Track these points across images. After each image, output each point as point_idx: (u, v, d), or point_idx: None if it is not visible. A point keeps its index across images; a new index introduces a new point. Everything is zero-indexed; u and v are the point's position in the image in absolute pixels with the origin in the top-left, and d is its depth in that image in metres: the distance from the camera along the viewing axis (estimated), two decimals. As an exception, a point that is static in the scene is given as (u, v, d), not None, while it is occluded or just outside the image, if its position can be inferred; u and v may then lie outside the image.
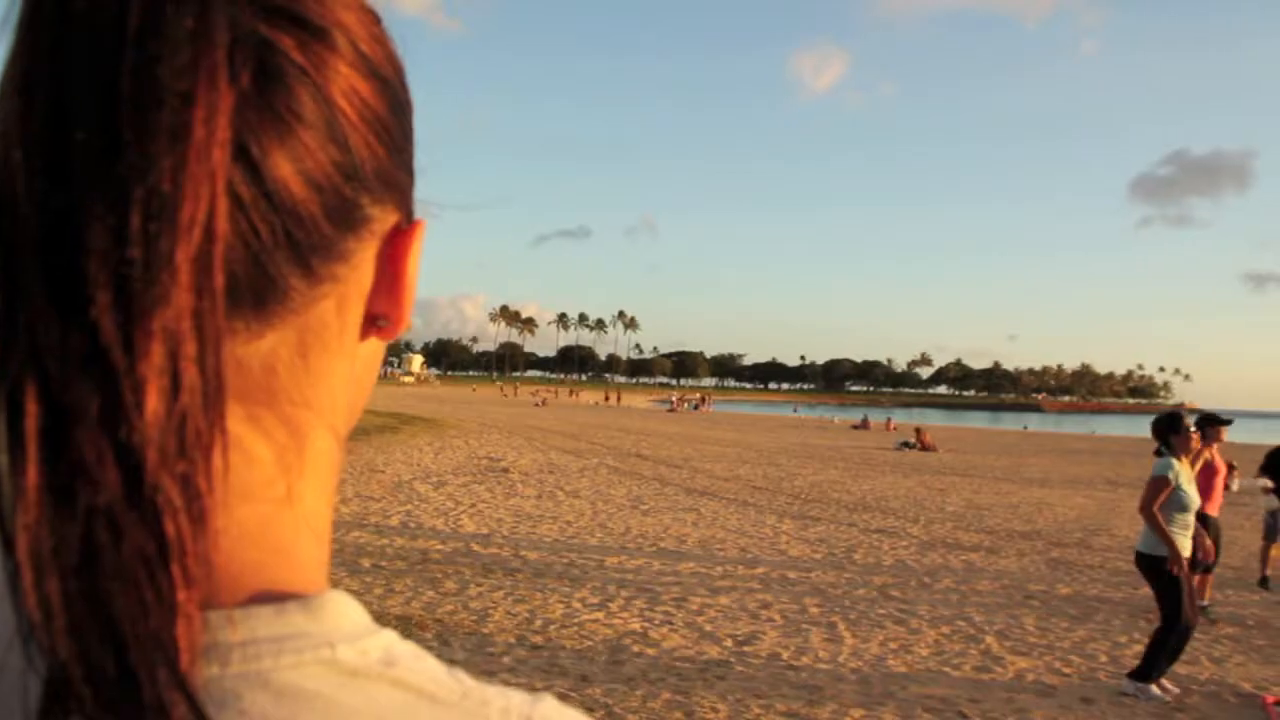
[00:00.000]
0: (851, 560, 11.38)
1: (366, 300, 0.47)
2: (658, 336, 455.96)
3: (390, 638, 0.43)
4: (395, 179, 0.46)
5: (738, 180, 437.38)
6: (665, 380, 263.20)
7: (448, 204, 0.66)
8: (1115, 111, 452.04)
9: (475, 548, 10.81)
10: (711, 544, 12.00)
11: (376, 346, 0.51)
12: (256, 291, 0.41)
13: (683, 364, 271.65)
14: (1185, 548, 6.93)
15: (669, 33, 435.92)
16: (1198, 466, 8.69)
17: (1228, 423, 9.58)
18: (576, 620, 7.86)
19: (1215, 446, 9.47)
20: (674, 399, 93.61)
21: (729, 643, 7.44)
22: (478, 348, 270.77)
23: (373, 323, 0.48)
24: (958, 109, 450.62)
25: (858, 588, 9.80)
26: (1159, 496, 6.84)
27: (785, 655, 7.19)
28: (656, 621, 7.97)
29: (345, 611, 0.43)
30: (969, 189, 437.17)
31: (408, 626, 7.31)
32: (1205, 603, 9.26)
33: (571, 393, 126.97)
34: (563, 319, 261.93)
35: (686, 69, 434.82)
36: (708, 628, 7.86)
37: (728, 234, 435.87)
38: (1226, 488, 9.98)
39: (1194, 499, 6.97)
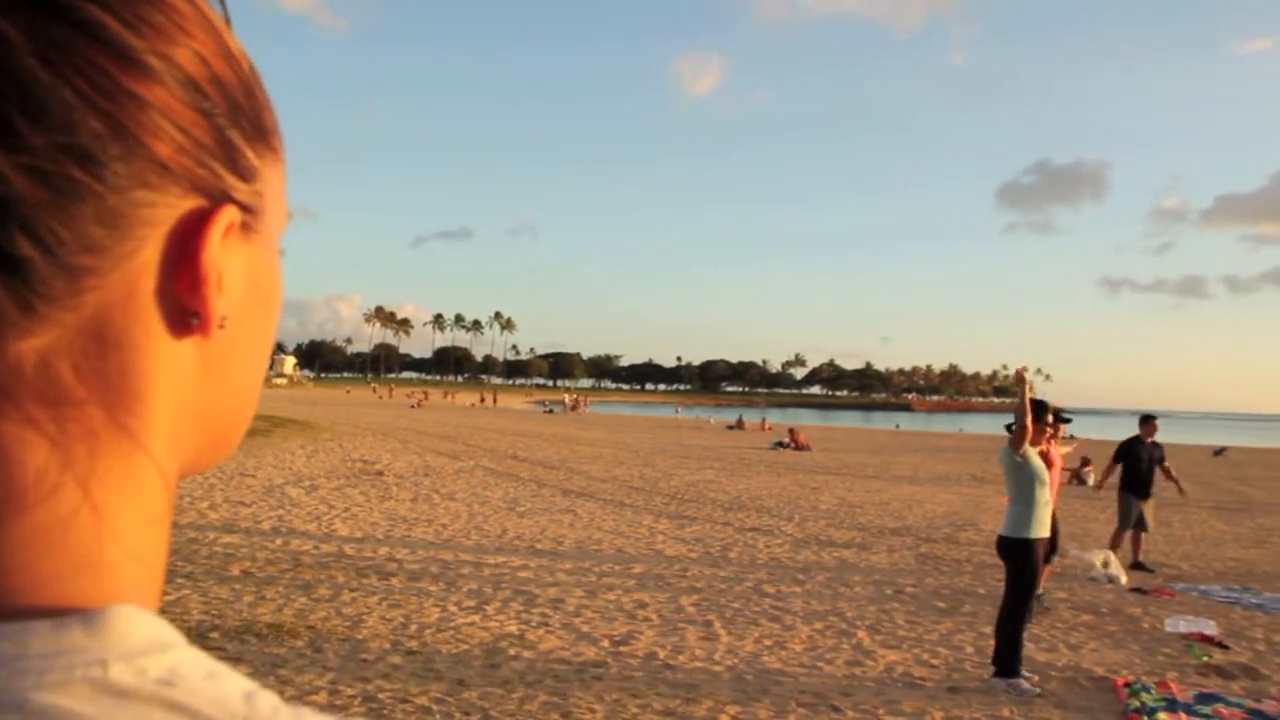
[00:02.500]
0: (727, 559, 11.51)
1: (161, 295, 0.43)
2: (536, 337, 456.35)
3: (181, 656, 0.40)
4: (183, 165, 0.42)
5: (618, 182, 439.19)
6: (542, 381, 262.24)
7: (328, 204, 0.60)
8: (983, 121, 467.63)
9: (349, 552, 10.63)
10: (588, 545, 12.01)
11: (210, 348, 0.46)
12: (9, 286, 0.38)
13: (559, 365, 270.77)
14: (1045, 525, 7.20)
15: (552, 35, 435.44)
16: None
17: (1066, 420, 9.99)
18: (452, 624, 7.79)
19: (1054, 441, 9.86)
20: (566, 400, 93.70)
21: (606, 643, 7.46)
22: (352, 349, 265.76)
23: (185, 320, 0.44)
24: (833, 115, 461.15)
25: (733, 586, 9.92)
26: (1021, 440, 7.18)
27: (662, 654, 7.23)
28: (533, 623, 7.95)
29: (134, 627, 0.40)
30: (844, 194, 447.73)
31: (279, 634, 7.16)
32: (1038, 591, 9.60)
33: (447, 394, 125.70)
34: (439, 320, 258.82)
35: (569, 71, 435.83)
36: (584, 628, 7.87)
37: (607, 235, 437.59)
38: (1082, 482, 10.39)
39: (1047, 474, 7.26)
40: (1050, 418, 7.65)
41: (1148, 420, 12.90)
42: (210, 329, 0.45)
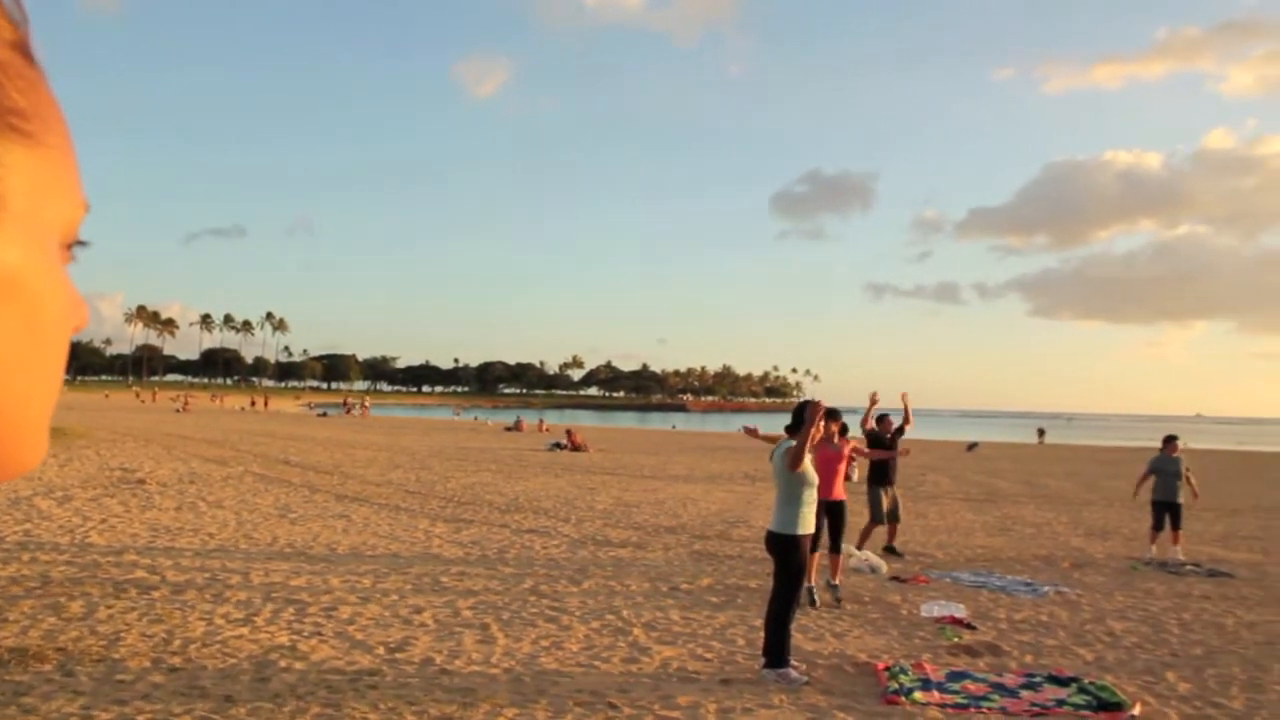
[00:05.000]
0: (504, 561, 11.49)
1: None
2: (310, 339, 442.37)
3: None
4: None
5: (397, 183, 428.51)
6: (316, 384, 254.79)
7: (90, 196, 0.56)
8: (759, 130, 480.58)
9: (106, 566, 10.07)
10: (363, 550, 11.78)
11: None
12: None
13: (334, 367, 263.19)
14: (811, 522, 7.49)
15: (332, 27, 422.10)
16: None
17: (837, 415, 10.53)
18: (219, 637, 7.49)
19: (837, 435, 10.43)
20: (367, 402, 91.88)
21: (381, 650, 7.34)
22: (112, 350, 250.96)
23: None
24: (615, 120, 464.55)
25: (510, 588, 9.92)
26: (801, 456, 7.38)
27: (438, 659, 7.17)
28: (305, 633, 7.73)
29: None
30: (624, 198, 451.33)
31: (24, 659, 6.71)
32: (836, 582, 10.05)
33: (215, 397, 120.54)
34: (206, 320, 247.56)
35: (349, 65, 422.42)
36: (359, 636, 7.71)
37: (386, 236, 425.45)
38: (847, 478, 10.89)
39: (815, 477, 7.58)
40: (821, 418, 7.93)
41: (884, 418, 13.83)
42: None
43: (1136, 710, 6.47)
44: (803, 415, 7.65)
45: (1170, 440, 14.57)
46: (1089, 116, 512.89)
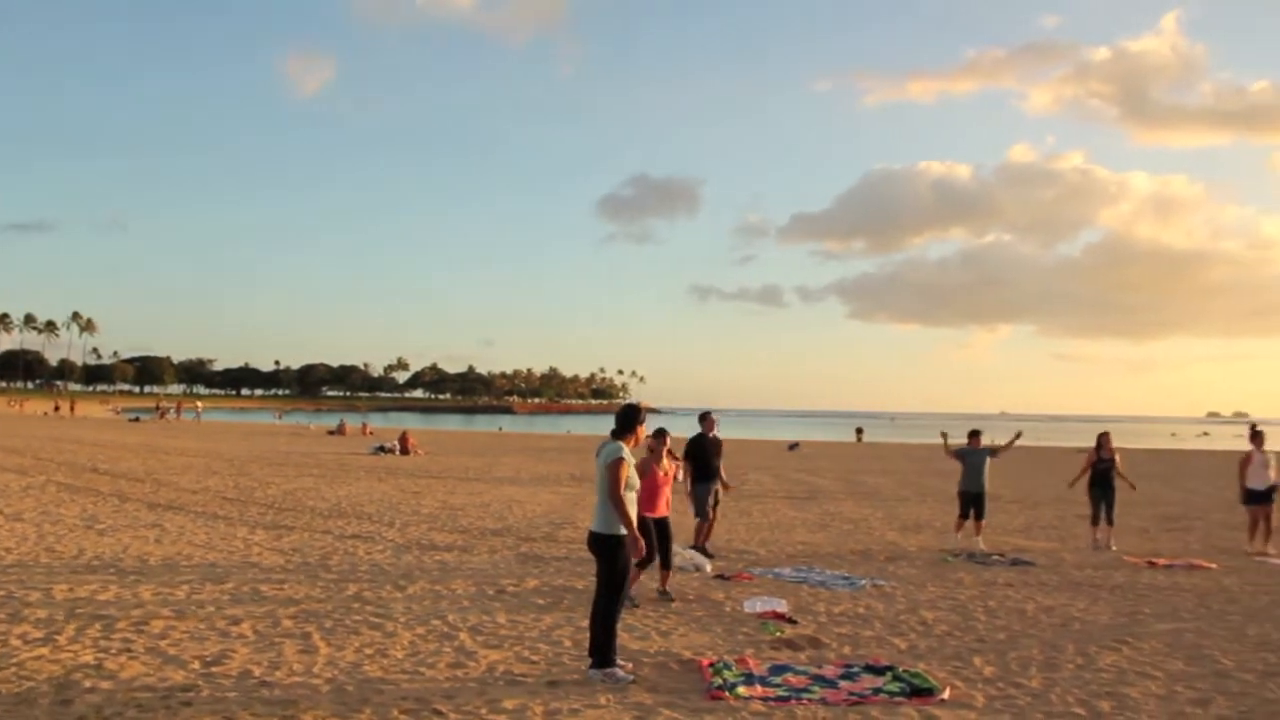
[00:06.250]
0: (326, 568, 11.24)
1: None
2: (121, 341, 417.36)
3: None
4: None
5: (216, 181, 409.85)
6: (127, 388, 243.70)
7: None
8: (588, 134, 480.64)
9: (-111, 585, 9.43)
10: (177, 561, 11.34)
11: None
12: None
13: (147, 370, 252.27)
14: (633, 522, 7.53)
15: (145, 19, 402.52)
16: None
17: (665, 434, 10.45)
18: (15, 659, 7.08)
19: (665, 455, 10.40)
20: (199, 406, 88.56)
21: (196, 665, 7.07)
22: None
23: None
24: (441, 120, 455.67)
25: (333, 595, 9.71)
26: (622, 480, 7.32)
27: (258, 672, 6.95)
28: (113, 650, 7.39)
29: None
30: (450, 198, 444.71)
31: None
32: (665, 589, 10.14)
33: (14, 403, 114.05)
34: (4, 320, 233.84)
35: (163, 55, 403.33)
36: (172, 651, 7.42)
37: (204, 235, 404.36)
38: (677, 478, 10.98)
39: (637, 480, 7.61)
40: (642, 428, 7.92)
41: (706, 416, 13.88)
42: None
43: (946, 694, 6.76)
44: (628, 418, 7.67)
45: (975, 434, 15.43)
46: (904, 128, 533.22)
